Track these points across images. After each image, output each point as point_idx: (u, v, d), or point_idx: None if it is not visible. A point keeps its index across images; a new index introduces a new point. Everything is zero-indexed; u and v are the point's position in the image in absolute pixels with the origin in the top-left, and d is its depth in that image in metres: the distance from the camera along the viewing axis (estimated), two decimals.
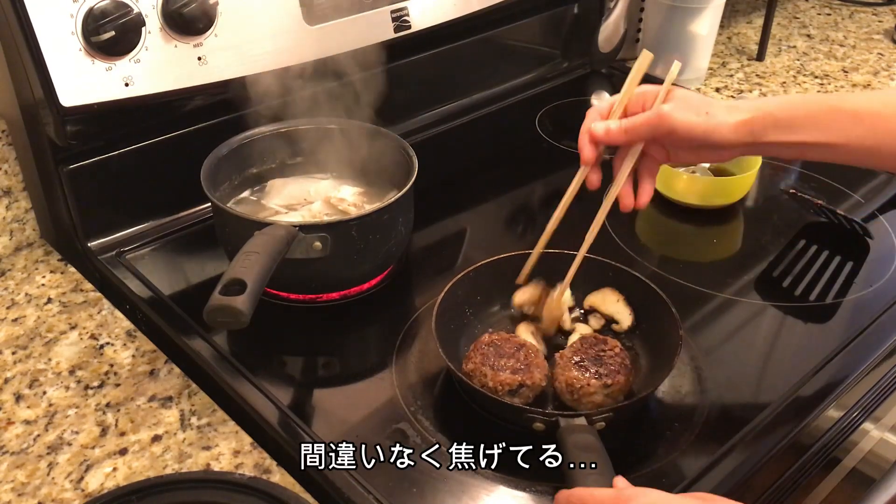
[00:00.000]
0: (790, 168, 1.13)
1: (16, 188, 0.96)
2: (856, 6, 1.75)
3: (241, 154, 0.94)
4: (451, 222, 1.03)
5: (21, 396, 0.77)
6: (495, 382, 0.71)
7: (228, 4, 0.88)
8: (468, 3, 1.11)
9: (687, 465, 0.69)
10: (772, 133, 0.74)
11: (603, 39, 1.34)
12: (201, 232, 0.97)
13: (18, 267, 0.95)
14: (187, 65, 0.88)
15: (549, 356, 0.77)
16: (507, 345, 0.74)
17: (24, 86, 0.84)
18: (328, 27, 0.97)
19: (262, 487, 0.65)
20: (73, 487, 0.68)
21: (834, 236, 0.99)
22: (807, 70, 1.46)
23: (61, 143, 0.86)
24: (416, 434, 0.72)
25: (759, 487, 0.74)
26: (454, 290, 0.80)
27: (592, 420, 0.68)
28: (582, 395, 0.71)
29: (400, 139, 0.93)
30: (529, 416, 0.69)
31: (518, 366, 0.72)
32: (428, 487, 0.67)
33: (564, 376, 0.72)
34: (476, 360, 0.73)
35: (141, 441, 0.73)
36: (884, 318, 0.86)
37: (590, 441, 0.65)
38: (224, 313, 0.66)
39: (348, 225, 0.82)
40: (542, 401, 0.75)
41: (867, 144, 0.74)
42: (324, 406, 0.76)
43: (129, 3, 0.81)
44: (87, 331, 0.85)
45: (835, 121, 0.74)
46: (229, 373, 0.78)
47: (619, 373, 0.72)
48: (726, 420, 0.74)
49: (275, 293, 0.88)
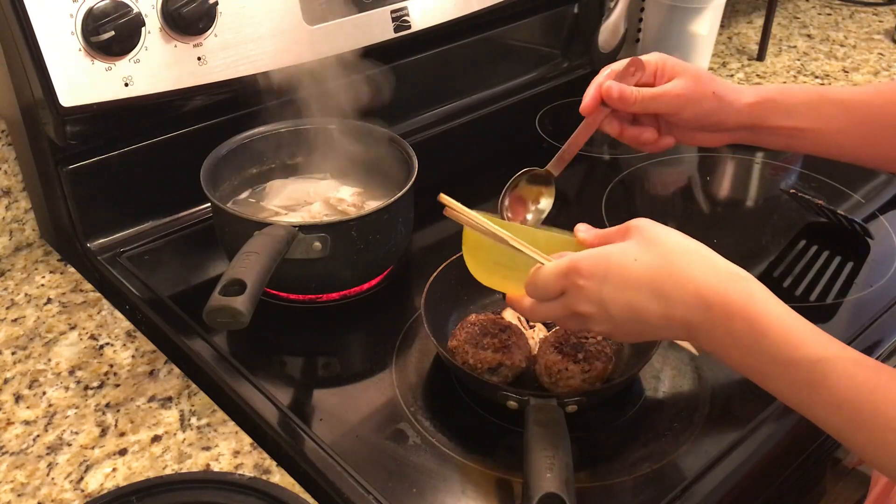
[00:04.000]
0: (790, 168, 1.13)
1: (16, 188, 0.96)
2: (856, 6, 1.75)
3: (241, 154, 0.94)
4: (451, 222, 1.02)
5: (21, 397, 0.77)
6: (476, 360, 0.73)
7: (228, 4, 0.88)
8: (468, 3, 1.11)
9: (687, 465, 0.69)
10: (773, 118, 0.76)
11: (603, 39, 1.34)
12: (201, 232, 0.97)
13: (18, 267, 0.95)
14: (187, 65, 0.88)
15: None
16: (492, 325, 0.76)
17: (23, 86, 0.84)
18: (328, 27, 0.97)
19: (262, 488, 0.65)
20: (72, 488, 0.68)
21: (834, 236, 0.99)
22: (807, 70, 1.46)
23: (61, 143, 0.86)
24: (416, 434, 0.72)
25: (760, 488, 0.74)
26: (447, 270, 0.82)
27: (564, 402, 0.69)
28: (559, 378, 0.72)
29: (400, 139, 0.93)
30: (503, 393, 0.70)
31: (500, 346, 0.74)
32: (428, 487, 0.67)
33: (544, 359, 0.74)
34: (460, 337, 0.75)
35: (141, 441, 0.73)
36: (884, 318, 0.86)
37: (553, 419, 0.66)
38: (224, 314, 0.66)
39: (348, 225, 0.82)
40: (523, 382, 0.76)
41: (856, 133, 0.76)
42: (324, 406, 0.76)
43: (129, 3, 0.81)
44: (87, 331, 0.85)
45: (825, 108, 0.76)
46: (229, 373, 0.77)
47: (598, 359, 0.73)
48: (726, 420, 0.74)
49: (275, 293, 0.88)
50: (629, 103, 0.75)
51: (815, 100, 0.77)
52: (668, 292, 0.59)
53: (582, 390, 0.72)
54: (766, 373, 0.57)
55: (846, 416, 0.54)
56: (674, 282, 0.59)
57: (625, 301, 0.60)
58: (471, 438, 0.72)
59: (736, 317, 0.57)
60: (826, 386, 0.54)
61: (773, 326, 0.56)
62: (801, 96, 0.77)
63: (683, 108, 0.75)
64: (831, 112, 0.77)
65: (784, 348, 0.56)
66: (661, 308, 0.59)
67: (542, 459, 0.62)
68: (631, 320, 0.60)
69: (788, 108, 0.77)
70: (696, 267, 0.59)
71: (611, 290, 0.60)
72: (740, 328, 0.57)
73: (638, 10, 1.41)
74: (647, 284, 0.59)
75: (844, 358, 0.55)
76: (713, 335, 0.58)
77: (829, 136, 0.77)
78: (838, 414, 0.54)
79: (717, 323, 0.58)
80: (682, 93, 0.75)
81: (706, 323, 0.58)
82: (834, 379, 0.54)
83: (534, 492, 0.59)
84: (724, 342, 0.58)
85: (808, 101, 0.77)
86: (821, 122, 0.77)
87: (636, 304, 0.60)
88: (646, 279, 0.59)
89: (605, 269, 0.60)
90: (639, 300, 0.59)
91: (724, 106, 0.76)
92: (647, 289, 0.59)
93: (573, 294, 0.62)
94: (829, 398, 0.54)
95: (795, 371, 0.55)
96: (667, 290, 0.59)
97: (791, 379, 0.55)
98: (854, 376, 0.54)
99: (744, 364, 0.58)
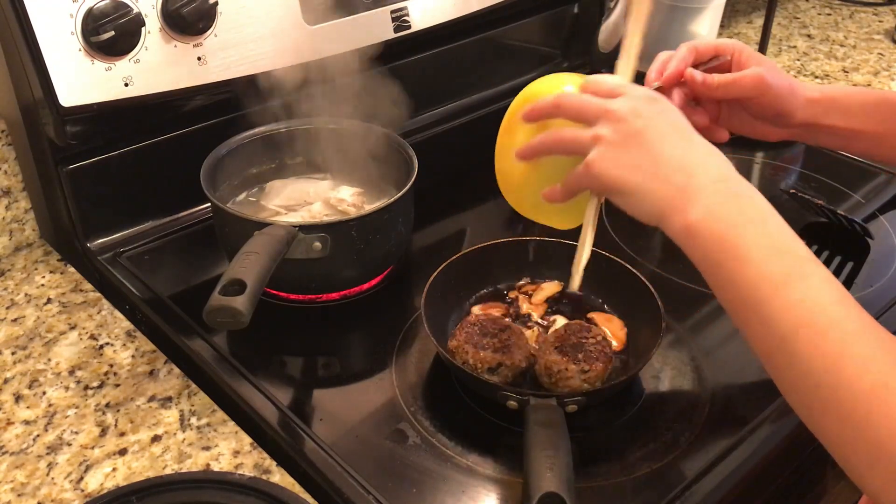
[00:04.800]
0: (790, 168, 1.13)
1: (16, 188, 0.96)
2: (856, 6, 1.75)
3: (241, 154, 0.94)
4: (451, 222, 1.03)
5: (21, 396, 0.77)
6: (475, 360, 0.73)
7: (228, 4, 0.88)
8: (468, 3, 1.11)
9: (687, 465, 0.69)
10: (833, 116, 0.77)
11: (603, 39, 1.34)
12: (201, 232, 0.97)
13: (18, 267, 0.95)
14: (187, 65, 0.88)
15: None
16: (492, 325, 0.76)
17: (23, 86, 0.84)
18: (328, 27, 0.97)
19: (262, 487, 0.65)
20: (72, 487, 0.68)
21: (834, 236, 0.99)
22: (807, 70, 1.46)
23: (61, 143, 0.86)
24: (416, 434, 0.72)
25: (760, 488, 0.74)
26: (447, 270, 0.82)
27: (564, 402, 0.69)
28: (559, 378, 0.72)
29: (400, 139, 0.93)
30: (503, 393, 0.70)
31: (500, 346, 0.74)
32: (427, 487, 0.67)
33: (544, 359, 0.74)
34: (460, 337, 0.75)
35: (141, 441, 0.73)
36: (884, 318, 0.86)
37: (553, 420, 0.66)
38: (224, 313, 0.66)
39: (348, 225, 0.82)
40: (523, 382, 0.76)
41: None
42: (324, 406, 0.76)
43: (129, 3, 0.81)
44: (87, 331, 0.85)
45: (884, 110, 0.77)
46: (229, 373, 0.77)
47: (598, 360, 0.73)
48: (726, 420, 0.74)
49: (275, 293, 0.88)
50: (712, 88, 0.75)
51: (875, 101, 0.78)
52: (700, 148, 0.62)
53: (582, 390, 0.72)
54: (744, 255, 0.56)
55: (800, 318, 0.53)
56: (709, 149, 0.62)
57: (666, 122, 0.62)
58: (471, 438, 0.72)
59: (745, 198, 0.59)
60: (804, 283, 0.54)
61: (780, 222, 0.58)
62: (860, 98, 0.78)
63: (763, 94, 0.75)
64: (890, 115, 0.77)
65: (782, 238, 0.57)
66: (686, 151, 0.61)
67: (542, 459, 0.62)
68: (654, 140, 0.61)
69: (849, 108, 0.78)
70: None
71: (659, 112, 0.63)
72: (747, 208, 0.58)
73: None
74: (689, 130, 0.63)
75: (826, 270, 0.56)
76: (712, 203, 0.58)
77: (887, 139, 0.78)
78: (794, 313, 0.53)
79: (725, 193, 0.59)
80: (764, 79, 0.75)
81: (712, 189, 0.59)
82: (816, 279, 0.54)
83: (534, 491, 0.59)
84: (719, 212, 0.58)
85: (868, 103, 0.78)
86: (880, 125, 0.77)
87: (672, 127, 0.62)
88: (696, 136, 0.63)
89: (673, 110, 0.64)
90: (676, 126, 0.62)
91: (795, 98, 0.77)
92: (688, 133, 0.62)
93: (630, 102, 0.63)
94: (803, 293, 0.54)
95: (782, 258, 0.55)
96: (700, 148, 0.62)
97: (776, 268, 0.55)
98: (833, 282, 0.55)
99: (723, 239, 0.57)
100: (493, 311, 0.83)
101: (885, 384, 0.49)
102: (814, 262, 0.55)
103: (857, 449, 0.50)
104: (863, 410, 0.49)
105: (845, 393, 0.50)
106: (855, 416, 0.49)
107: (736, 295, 0.57)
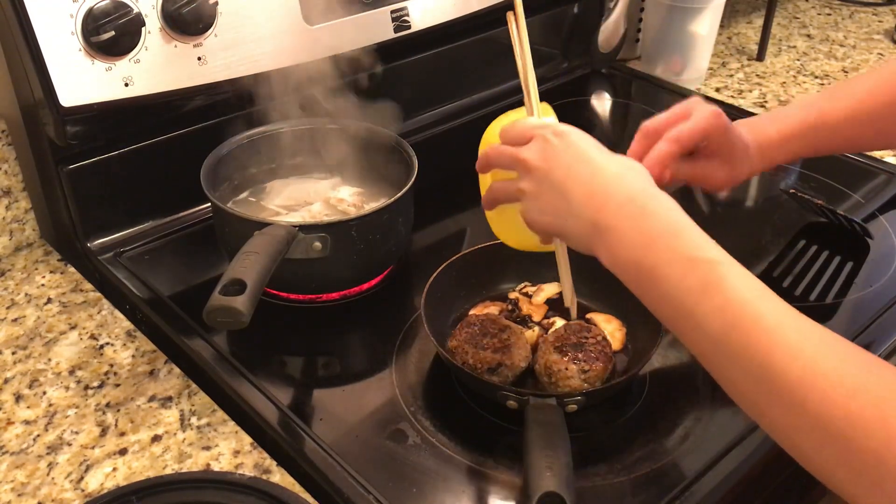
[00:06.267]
0: (790, 168, 1.13)
1: (16, 188, 0.96)
2: (856, 6, 1.75)
3: (241, 154, 0.94)
4: (451, 222, 1.03)
5: (21, 396, 0.77)
6: (475, 360, 0.73)
7: (228, 4, 0.88)
8: (468, 3, 1.11)
9: (687, 465, 0.69)
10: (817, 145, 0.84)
11: (603, 39, 1.34)
12: (201, 232, 0.97)
13: (18, 267, 0.95)
14: (187, 65, 0.88)
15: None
16: (492, 325, 0.76)
17: (23, 86, 0.84)
18: (328, 27, 0.97)
19: (262, 487, 0.65)
20: (72, 487, 0.68)
21: (834, 236, 0.99)
22: (807, 70, 1.46)
23: (61, 143, 0.86)
24: (416, 434, 0.72)
25: (760, 488, 0.74)
26: (447, 270, 0.82)
27: (563, 402, 0.69)
28: (559, 378, 0.72)
29: (400, 139, 0.93)
30: (503, 393, 0.70)
31: (499, 346, 0.74)
32: (428, 487, 0.67)
33: (544, 359, 0.74)
34: (460, 337, 0.75)
35: (141, 441, 0.73)
36: (884, 318, 0.86)
37: (553, 419, 0.66)
38: (224, 313, 0.66)
39: (348, 225, 0.82)
40: (524, 382, 0.76)
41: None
42: (324, 406, 0.76)
43: (129, 3, 0.81)
44: (87, 331, 0.85)
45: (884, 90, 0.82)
46: (229, 373, 0.78)
47: (598, 360, 0.73)
48: (726, 420, 0.74)
49: (275, 293, 0.88)
50: (685, 143, 0.75)
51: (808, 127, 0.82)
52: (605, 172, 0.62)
53: (582, 390, 0.72)
54: (662, 274, 0.57)
55: (727, 321, 0.53)
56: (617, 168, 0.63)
57: (572, 156, 0.63)
58: (471, 438, 0.72)
59: (651, 215, 0.59)
60: (722, 286, 0.54)
61: (688, 228, 0.58)
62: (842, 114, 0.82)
63: (723, 126, 0.76)
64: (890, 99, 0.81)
65: (691, 246, 0.57)
66: (591, 179, 0.62)
67: (542, 459, 0.62)
68: (561, 179, 0.62)
69: (836, 127, 0.82)
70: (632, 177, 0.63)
71: (565, 147, 0.63)
72: (654, 225, 0.58)
73: (638, 10, 1.41)
74: (595, 156, 0.63)
75: (739, 266, 0.56)
76: (620, 229, 0.59)
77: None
78: (721, 317, 0.53)
79: (631, 216, 0.59)
80: (718, 112, 0.76)
81: (621, 214, 0.59)
82: (732, 280, 0.54)
83: (534, 491, 0.59)
84: (629, 237, 0.59)
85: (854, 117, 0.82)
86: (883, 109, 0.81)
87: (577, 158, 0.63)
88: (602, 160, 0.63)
89: (578, 139, 0.64)
90: (581, 157, 0.63)
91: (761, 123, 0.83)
92: (594, 159, 0.63)
93: (538, 144, 0.65)
94: (723, 297, 0.54)
95: (695, 268, 0.56)
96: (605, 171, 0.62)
97: (692, 280, 0.55)
98: (748, 277, 0.55)
99: (640, 263, 0.58)
100: (493, 312, 0.83)
101: (813, 368, 0.49)
102: (727, 263, 0.56)
103: (804, 435, 0.50)
104: (799, 396, 0.49)
105: (782, 382, 0.50)
106: (794, 403, 0.50)
107: (665, 311, 0.58)
